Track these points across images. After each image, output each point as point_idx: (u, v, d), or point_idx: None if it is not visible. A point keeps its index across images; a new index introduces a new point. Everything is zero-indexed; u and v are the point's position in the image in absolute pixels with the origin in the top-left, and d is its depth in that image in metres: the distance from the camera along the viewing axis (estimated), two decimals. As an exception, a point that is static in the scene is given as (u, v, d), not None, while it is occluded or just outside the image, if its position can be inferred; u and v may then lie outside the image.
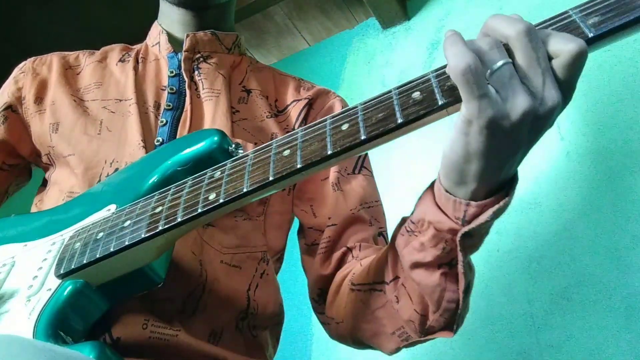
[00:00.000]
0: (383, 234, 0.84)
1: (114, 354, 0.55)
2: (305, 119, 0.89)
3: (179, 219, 0.57)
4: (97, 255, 0.60)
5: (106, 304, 0.63)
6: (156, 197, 0.62)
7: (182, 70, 0.86)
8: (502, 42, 0.46)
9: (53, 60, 0.90)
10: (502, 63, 0.44)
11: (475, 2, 1.75)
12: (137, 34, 0.99)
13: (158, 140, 0.79)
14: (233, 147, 0.67)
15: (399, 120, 0.48)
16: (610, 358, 1.17)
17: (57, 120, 0.82)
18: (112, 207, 0.67)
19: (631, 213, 1.25)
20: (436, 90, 0.47)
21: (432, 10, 1.85)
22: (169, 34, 0.90)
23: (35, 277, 0.63)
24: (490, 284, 1.36)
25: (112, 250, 0.59)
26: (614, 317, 1.19)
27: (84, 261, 0.60)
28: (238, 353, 0.73)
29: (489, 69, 0.44)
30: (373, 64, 1.92)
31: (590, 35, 0.45)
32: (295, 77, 0.96)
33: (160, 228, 0.58)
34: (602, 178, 1.32)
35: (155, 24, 0.93)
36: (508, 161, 0.47)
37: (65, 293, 0.60)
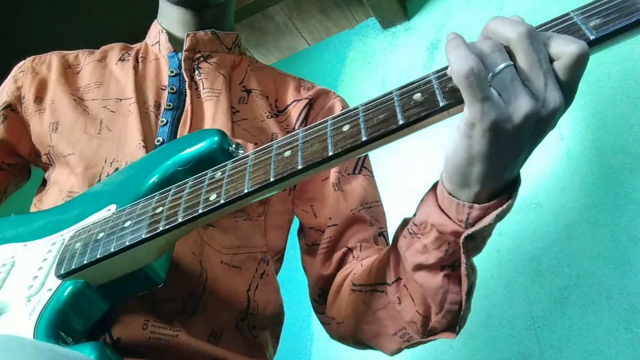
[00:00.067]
0: (383, 234, 0.84)
1: (114, 354, 0.55)
2: (305, 119, 0.88)
3: (180, 220, 0.57)
4: (98, 256, 0.60)
5: (106, 304, 0.63)
6: (157, 198, 0.62)
7: (182, 69, 0.86)
8: (503, 44, 0.46)
9: (52, 59, 0.90)
10: (504, 66, 0.44)
11: (475, 2, 1.75)
12: (137, 33, 0.98)
13: (158, 140, 0.78)
14: (233, 147, 0.67)
15: (400, 122, 0.48)
16: (610, 358, 1.17)
17: (56, 119, 0.82)
18: (113, 207, 0.67)
19: (631, 213, 1.25)
20: (437, 92, 0.47)
21: (432, 10, 1.85)
22: (168, 33, 0.89)
23: (36, 277, 0.63)
24: (490, 284, 1.36)
25: (112, 250, 0.59)
26: (614, 317, 1.20)
27: (85, 261, 0.60)
28: (238, 353, 0.73)
29: (491, 72, 0.44)
30: (373, 64, 1.92)
31: (592, 37, 0.44)
32: (295, 77, 0.96)
33: (161, 229, 0.58)
34: (602, 178, 1.32)
35: (155, 23, 0.93)
36: (511, 163, 0.48)
37: (66, 293, 0.60)
